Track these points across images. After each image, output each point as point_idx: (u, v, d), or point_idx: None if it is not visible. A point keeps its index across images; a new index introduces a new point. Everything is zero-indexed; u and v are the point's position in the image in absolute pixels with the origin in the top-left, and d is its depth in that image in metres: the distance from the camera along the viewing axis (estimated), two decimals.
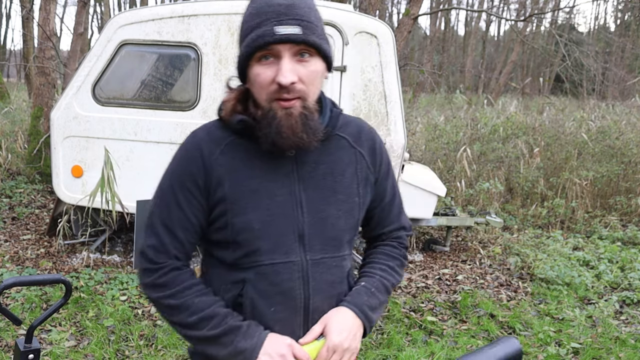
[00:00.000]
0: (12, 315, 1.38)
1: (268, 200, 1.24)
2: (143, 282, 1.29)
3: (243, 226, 1.23)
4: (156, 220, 1.26)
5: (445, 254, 5.41)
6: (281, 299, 1.25)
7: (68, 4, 39.12)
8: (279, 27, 1.13)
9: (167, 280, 1.25)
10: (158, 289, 1.25)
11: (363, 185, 1.34)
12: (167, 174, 1.28)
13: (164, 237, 1.25)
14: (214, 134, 1.26)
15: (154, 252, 1.26)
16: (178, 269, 1.27)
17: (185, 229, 1.26)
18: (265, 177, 1.24)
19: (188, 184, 1.24)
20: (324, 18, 1.34)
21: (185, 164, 1.25)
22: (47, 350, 3.20)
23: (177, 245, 1.27)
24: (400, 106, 4.35)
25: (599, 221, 6.67)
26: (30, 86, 12.77)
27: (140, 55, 4.56)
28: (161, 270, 1.25)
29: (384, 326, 3.77)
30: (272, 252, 1.24)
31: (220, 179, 1.23)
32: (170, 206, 1.25)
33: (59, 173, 4.59)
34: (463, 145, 7.75)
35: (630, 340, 3.65)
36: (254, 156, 1.25)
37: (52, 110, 4.56)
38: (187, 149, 1.26)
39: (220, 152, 1.24)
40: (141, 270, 1.29)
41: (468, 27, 26.14)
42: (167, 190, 1.26)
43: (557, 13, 17.91)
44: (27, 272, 4.32)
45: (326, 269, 1.29)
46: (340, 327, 1.27)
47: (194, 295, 1.24)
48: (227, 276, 1.28)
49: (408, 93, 15.77)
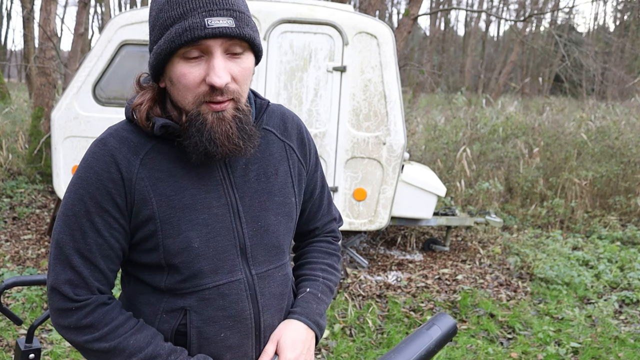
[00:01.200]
0: (12, 314, 1.39)
1: (205, 214, 1.08)
2: (61, 325, 1.07)
3: (180, 247, 1.07)
4: (69, 250, 1.05)
5: (445, 254, 5.41)
6: (231, 323, 1.12)
7: (68, 4, 39.17)
8: (209, 18, 0.97)
9: (94, 320, 1.06)
10: (84, 331, 1.06)
11: (297, 181, 1.23)
12: (76, 194, 1.05)
13: (81, 268, 1.05)
14: (128, 141, 1.06)
15: (71, 288, 1.05)
16: (105, 304, 1.08)
17: (106, 257, 1.07)
18: (197, 188, 1.09)
19: (105, 205, 1.04)
20: (324, 18, 1.32)
21: (98, 181, 1.04)
22: (48, 350, 3.20)
23: (99, 277, 1.08)
24: (400, 106, 4.35)
25: (598, 221, 6.67)
26: (30, 86, 12.78)
27: (140, 55, 4.57)
28: (85, 309, 1.06)
29: (384, 326, 3.78)
30: (214, 273, 1.10)
31: (144, 195, 1.05)
32: (85, 232, 1.05)
33: (59, 173, 4.60)
34: (463, 145, 7.76)
35: (630, 339, 3.66)
36: (180, 164, 1.08)
37: (53, 111, 4.57)
38: (97, 162, 1.05)
39: (141, 162, 1.06)
40: (57, 310, 1.07)
41: (468, 27, 26.15)
42: (80, 214, 1.04)
43: (556, 13, 17.92)
44: (27, 271, 4.32)
45: (273, 282, 1.18)
46: (293, 342, 1.17)
47: (129, 334, 1.07)
48: (161, 304, 1.11)
49: (408, 93, 15.78)
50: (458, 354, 3.41)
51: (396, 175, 4.40)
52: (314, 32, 4.24)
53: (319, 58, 4.31)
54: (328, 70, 4.34)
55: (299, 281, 1.33)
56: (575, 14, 30.87)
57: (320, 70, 4.34)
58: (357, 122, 4.37)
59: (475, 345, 3.55)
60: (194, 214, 1.08)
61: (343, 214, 4.48)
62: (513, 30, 16.24)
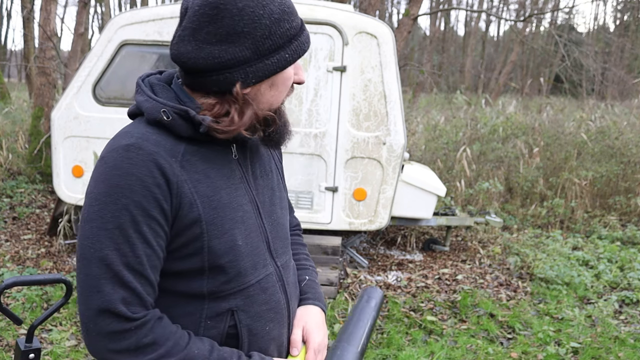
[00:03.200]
0: (12, 314, 1.39)
1: (240, 212, 1.11)
2: (115, 349, 0.99)
3: (226, 247, 1.07)
4: (118, 267, 0.98)
5: (445, 254, 5.41)
6: (272, 315, 1.17)
7: (68, 4, 39.14)
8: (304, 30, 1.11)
9: (155, 337, 1.00)
10: (145, 350, 1.00)
11: (282, 177, 1.33)
12: (117, 204, 0.98)
13: (134, 284, 1.00)
14: (162, 144, 1.03)
15: (126, 307, 0.99)
16: (160, 318, 1.04)
17: (154, 267, 1.03)
18: (229, 187, 1.11)
19: (153, 212, 1.00)
20: (324, 18, 1.36)
21: (144, 187, 0.99)
22: (48, 349, 3.20)
23: (150, 290, 1.03)
24: (400, 106, 4.35)
25: (598, 221, 6.67)
26: (30, 86, 12.78)
27: (140, 55, 4.57)
28: (145, 326, 1.00)
29: (383, 326, 3.78)
30: (254, 269, 1.13)
31: (189, 198, 1.03)
32: (134, 244, 0.99)
33: (59, 173, 4.60)
34: (463, 145, 7.76)
35: (630, 339, 3.66)
36: (210, 165, 1.09)
37: (53, 110, 4.57)
38: (137, 167, 0.99)
39: (180, 165, 1.04)
40: (109, 334, 0.99)
41: (468, 27, 26.15)
42: (127, 225, 0.98)
43: (556, 13, 17.92)
44: (27, 271, 4.32)
45: (291, 271, 1.26)
46: (317, 326, 1.25)
47: (191, 344, 1.04)
48: (203, 311, 1.09)
49: (408, 93, 15.77)
50: (458, 354, 3.41)
51: (396, 175, 4.40)
52: (314, 32, 4.24)
53: (319, 58, 4.31)
54: (328, 70, 4.34)
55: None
56: (575, 14, 30.86)
57: (320, 70, 4.34)
58: (357, 122, 4.37)
59: (475, 345, 3.55)
60: (232, 212, 1.09)
61: (343, 214, 4.48)
62: (513, 30, 16.25)
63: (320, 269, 4.27)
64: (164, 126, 1.06)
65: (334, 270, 4.26)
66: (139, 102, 1.09)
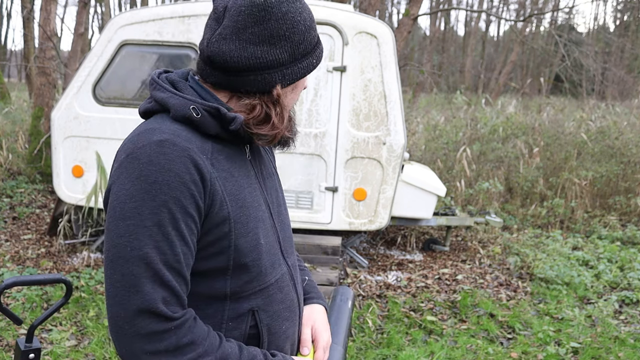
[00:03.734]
0: (12, 314, 1.39)
1: (260, 211, 1.12)
2: (154, 351, 0.96)
3: (251, 245, 1.07)
4: (158, 265, 0.96)
5: (445, 254, 5.41)
6: (288, 314, 1.18)
7: (68, 4, 39.18)
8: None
9: (194, 337, 0.99)
10: (184, 350, 0.98)
11: (279, 176, 1.38)
12: (156, 201, 0.96)
13: (173, 283, 0.98)
14: (192, 141, 1.03)
15: (167, 307, 0.97)
16: (196, 318, 1.03)
17: (189, 266, 1.02)
18: (249, 186, 1.12)
19: (190, 209, 0.99)
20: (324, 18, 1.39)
21: (182, 183, 0.97)
22: (48, 349, 3.20)
23: (185, 290, 1.02)
24: (400, 106, 4.35)
25: (598, 221, 6.68)
26: (30, 86, 12.78)
27: (140, 55, 4.57)
28: (185, 326, 0.99)
29: (383, 326, 3.78)
30: (272, 268, 1.14)
31: (220, 196, 1.04)
32: (172, 242, 0.97)
33: (59, 173, 4.60)
34: (463, 145, 7.76)
35: (630, 339, 3.66)
36: (233, 164, 1.10)
37: (53, 110, 4.57)
38: (174, 163, 0.97)
39: (210, 163, 1.04)
40: (148, 335, 0.96)
41: (468, 27, 26.16)
42: (165, 222, 0.96)
43: (556, 13, 17.92)
44: (27, 271, 4.32)
45: (298, 270, 1.29)
46: (323, 325, 1.29)
47: (223, 343, 1.04)
48: (224, 313, 1.08)
49: (408, 93, 15.77)
50: (458, 354, 3.41)
51: (396, 175, 4.40)
52: None
53: None
54: (328, 70, 4.34)
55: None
56: (575, 14, 30.87)
57: (320, 70, 4.34)
58: (357, 122, 4.37)
59: (475, 345, 3.55)
60: (255, 211, 1.11)
61: (343, 214, 4.48)
62: (513, 30, 16.25)
63: (320, 269, 4.27)
64: (191, 123, 1.05)
65: (334, 270, 4.26)
66: (162, 99, 1.07)
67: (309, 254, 4.34)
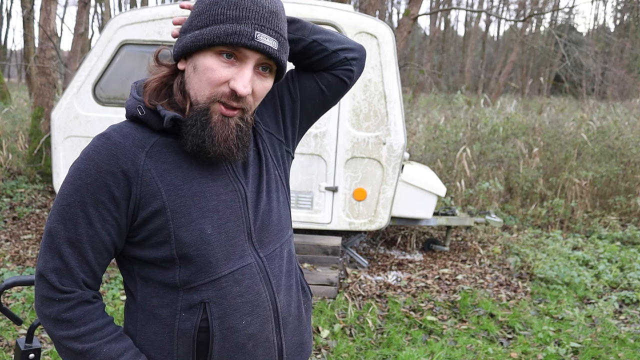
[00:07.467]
0: (12, 314, 1.39)
1: (214, 201, 1.11)
2: (43, 313, 1.08)
3: (192, 235, 1.08)
4: (59, 239, 1.06)
5: (445, 254, 5.41)
6: (250, 309, 1.13)
7: (69, 4, 39.19)
8: (259, 33, 1.04)
9: (73, 317, 1.06)
10: (61, 325, 1.06)
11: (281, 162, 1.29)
12: (73, 185, 1.06)
13: (69, 258, 1.06)
14: (131, 136, 1.10)
15: (57, 277, 1.06)
16: (88, 302, 1.09)
17: (96, 249, 1.08)
18: (204, 177, 1.12)
19: (101, 197, 1.06)
20: (323, 18, 1.36)
21: (98, 172, 1.05)
22: (48, 349, 3.20)
23: (86, 269, 1.08)
24: (400, 106, 4.35)
25: (598, 221, 6.67)
26: (30, 86, 12.77)
27: (140, 55, 4.57)
28: (68, 302, 1.06)
29: (383, 326, 3.78)
30: (227, 260, 1.11)
31: (152, 187, 1.07)
32: (77, 222, 1.06)
33: (59, 173, 4.60)
34: (463, 145, 7.76)
35: (630, 339, 3.66)
36: (185, 157, 1.12)
37: (53, 110, 4.57)
38: (99, 155, 1.07)
39: (146, 155, 1.09)
40: (41, 298, 1.07)
41: (468, 27, 26.15)
42: (75, 204, 1.05)
43: (556, 13, 17.92)
44: (27, 271, 4.32)
45: (280, 260, 1.21)
46: None
47: (104, 341, 1.07)
48: (178, 302, 1.11)
49: (408, 93, 15.77)
50: (458, 354, 3.41)
51: (396, 175, 4.40)
52: None
53: None
54: None
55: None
56: (575, 14, 30.88)
57: None
58: (357, 122, 4.37)
59: (475, 345, 3.55)
60: (203, 201, 1.10)
61: (343, 214, 4.48)
62: (513, 30, 16.25)
63: (320, 269, 4.27)
64: (140, 120, 1.13)
65: (334, 270, 4.26)
66: (126, 103, 1.18)
67: (309, 254, 4.34)
